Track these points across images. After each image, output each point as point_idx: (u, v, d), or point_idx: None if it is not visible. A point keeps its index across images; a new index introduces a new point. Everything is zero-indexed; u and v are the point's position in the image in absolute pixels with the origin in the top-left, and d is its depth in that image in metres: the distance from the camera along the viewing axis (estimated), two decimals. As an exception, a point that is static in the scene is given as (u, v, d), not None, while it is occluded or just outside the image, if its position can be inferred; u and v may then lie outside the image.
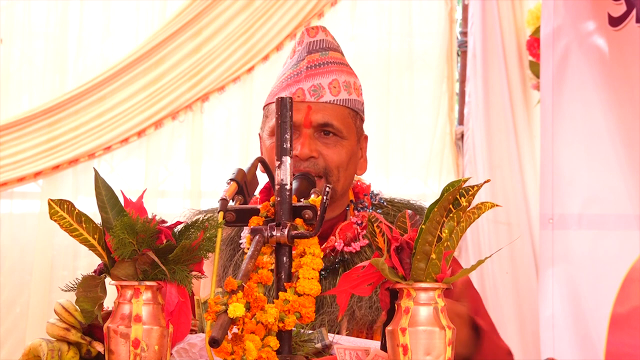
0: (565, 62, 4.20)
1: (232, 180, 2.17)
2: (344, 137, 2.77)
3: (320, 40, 2.83)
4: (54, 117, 5.26)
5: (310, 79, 2.77)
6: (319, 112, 2.74)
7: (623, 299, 3.98)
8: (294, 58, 2.83)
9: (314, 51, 2.81)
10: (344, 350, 2.09)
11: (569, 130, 4.20)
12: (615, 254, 4.05)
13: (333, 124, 2.74)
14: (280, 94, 2.78)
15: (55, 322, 2.18)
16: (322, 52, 2.81)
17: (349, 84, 2.80)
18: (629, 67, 4.02)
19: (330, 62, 2.80)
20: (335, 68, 2.80)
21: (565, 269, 4.16)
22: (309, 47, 2.82)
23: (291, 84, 2.78)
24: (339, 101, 2.77)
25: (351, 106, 2.79)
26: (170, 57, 5.33)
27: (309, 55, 2.80)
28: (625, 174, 4.04)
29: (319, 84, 2.76)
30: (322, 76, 2.78)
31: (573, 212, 4.18)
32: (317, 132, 2.75)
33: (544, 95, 4.29)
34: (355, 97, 2.81)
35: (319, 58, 2.80)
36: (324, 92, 2.75)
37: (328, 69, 2.79)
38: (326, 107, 2.75)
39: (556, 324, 4.15)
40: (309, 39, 2.83)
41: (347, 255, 2.74)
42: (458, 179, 1.98)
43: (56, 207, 2.00)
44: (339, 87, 2.77)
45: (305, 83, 2.76)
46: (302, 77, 2.78)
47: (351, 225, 2.78)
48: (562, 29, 4.20)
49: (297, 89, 2.76)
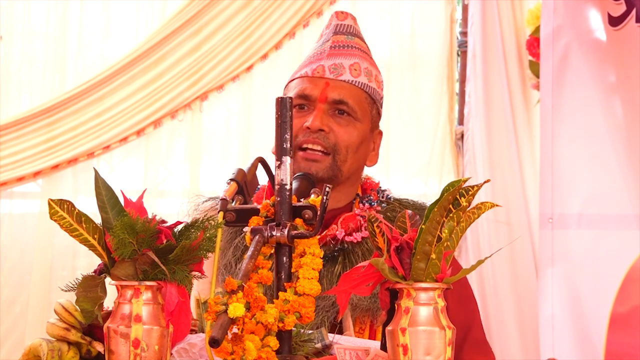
0: (565, 62, 4.20)
1: (232, 180, 2.18)
2: (358, 118, 2.75)
3: (348, 25, 2.82)
4: (53, 117, 5.25)
5: (332, 57, 2.77)
6: (335, 89, 2.73)
7: (623, 299, 3.98)
8: (321, 40, 2.84)
9: (340, 33, 2.81)
10: (344, 350, 2.09)
11: (569, 129, 4.20)
12: (615, 254, 4.05)
13: (348, 102, 2.74)
14: (301, 70, 2.79)
15: (55, 322, 2.17)
16: (348, 35, 2.81)
17: (371, 72, 2.79)
18: (628, 66, 4.02)
19: (355, 47, 2.80)
20: (359, 53, 2.80)
21: (564, 269, 4.16)
22: (335, 29, 2.82)
23: (313, 62, 2.78)
24: (358, 83, 2.76)
25: (369, 92, 2.78)
26: (169, 56, 5.33)
27: (335, 35, 2.81)
28: (625, 174, 4.04)
29: (340, 63, 2.76)
30: (345, 57, 2.77)
31: (573, 211, 4.18)
32: (331, 109, 2.74)
33: (543, 95, 4.29)
34: (375, 86, 2.80)
35: (344, 40, 2.80)
36: (344, 71, 2.75)
37: (351, 52, 2.79)
38: (344, 85, 2.75)
39: (556, 324, 4.15)
40: (337, 22, 2.83)
41: (347, 245, 2.73)
42: (458, 179, 1.98)
43: (56, 207, 2.00)
44: (360, 71, 2.77)
45: (326, 61, 2.76)
46: (325, 55, 2.78)
47: (354, 217, 2.77)
48: (562, 29, 4.20)
49: (318, 66, 2.76)
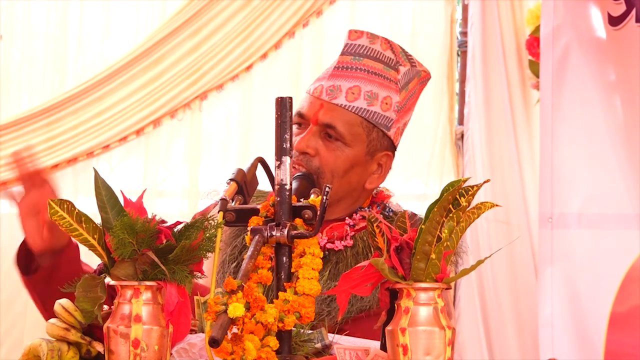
0: (564, 62, 4.19)
1: (232, 180, 2.18)
2: (347, 144, 2.72)
3: (359, 45, 2.76)
4: (53, 117, 5.25)
5: (332, 79, 2.74)
6: (327, 112, 2.71)
7: (622, 298, 3.98)
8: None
9: (347, 54, 2.77)
10: (344, 350, 2.09)
11: (569, 129, 4.20)
12: (614, 253, 4.05)
13: (336, 127, 2.71)
14: (310, 86, 2.78)
15: (55, 322, 2.17)
16: (356, 57, 2.75)
17: (376, 95, 2.73)
18: (628, 66, 4.02)
19: (361, 69, 2.74)
20: (364, 76, 2.74)
21: (564, 268, 4.16)
22: (343, 49, 2.78)
23: (318, 79, 2.77)
24: (352, 108, 2.71)
25: (366, 116, 2.72)
26: (169, 55, 5.32)
27: (342, 55, 2.77)
28: (625, 173, 4.04)
29: (338, 85, 2.73)
30: (345, 79, 2.73)
31: (572, 211, 4.17)
32: (322, 132, 2.72)
33: (543, 95, 4.29)
34: (378, 110, 2.73)
35: (349, 61, 2.76)
36: (339, 94, 2.72)
37: (354, 74, 2.74)
38: (336, 109, 2.72)
39: (555, 324, 4.15)
40: (347, 41, 2.78)
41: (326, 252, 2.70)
42: (458, 179, 1.98)
43: (56, 207, 2.00)
44: (359, 95, 2.72)
45: (327, 81, 2.74)
46: (328, 75, 2.76)
47: (342, 226, 2.76)
48: (561, 28, 4.20)
49: (319, 85, 2.75)
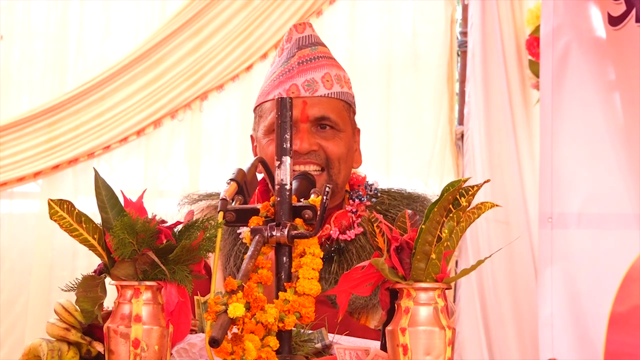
0: (564, 61, 4.19)
1: (232, 180, 2.18)
2: (341, 129, 2.80)
3: (308, 35, 2.85)
4: (53, 117, 5.26)
5: (303, 74, 2.79)
6: (314, 106, 2.76)
7: (622, 298, 3.98)
8: (283, 56, 2.85)
9: (304, 46, 2.83)
10: (344, 350, 2.09)
11: (569, 129, 4.19)
12: (614, 253, 4.04)
13: (330, 116, 2.78)
14: (273, 92, 2.80)
15: (55, 322, 2.18)
16: (312, 47, 2.84)
17: (340, 77, 2.83)
18: (628, 66, 4.02)
19: (321, 57, 2.83)
20: (326, 62, 2.82)
21: (564, 268, 4.16)
22: (298, 43, 2.84)
23: (284, 81, 2.80)
24: (333, 94, 2.79)
25: (344, 99, 2.82)
26: (169, 56, 5.33)
27: (300, 50, 2.82)
28: (624, 173, 4.03)
29: (312, 78, 2.78)
30: (315, 70, 2.80)
31: (572, 211, 4.17)
32: (314, 126, 2.78)
33: (543, 95, 4.28)
34: (347, 89, 2.84)
35: (309, 53, 2.82)
36: (317, 86, 2.78)
37: (319, 63, 2.81)
38: (321, 100, 2.78)
39: (555, 324, 4.15)
40: (297, 35, 2.84)
41: (342, 244, 2.77)
42: (458, 179, 1.98)
43: (56, 207, 2.00)
44: (332, 81, 2.80)
45: (298, 78, 2.78)
46: (295, 72, 2.80)
47: (346, 214, 2.81)
48: (561, 28, 4.20)
49: (291, 85, 2.78)
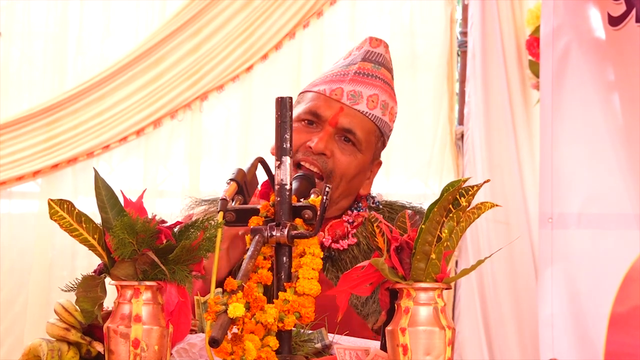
0: (564, 62, 4.19)
1: (232, 180, 2.18)
2: (361, 150, 2.77)
3: (378, 53, 2.82)
4: (52, 117, 5.26)
5: (353, 83, 2.77)
6: (348, 117, 2.74)
7: (622, 299, 3.98)
8: (348, 59, 2.83)
9: (369, 60, 2.81)
10: (344, 350, 2.09)
11: (569, 129, 4.20)
12: (614, 253, 4.05)
13: (357, 133, 2.75)
14: (320, 86, 2.79)
15: (55, 322, 2.17)
16: (376, 64, 2.80)
17: (387, 105, 2.80)
18: (628, 66, 4.02)
19: (379, 78, 2.79)
20: (381, 85, 2.79)
21: (564, 269, 4.16)
22: (365, 55, 2.81)
23: (334, 81, 2.78)
24: (371, 116, 2.76)
25: (380, 126, 2.79)
26: (169, 56, 5.33)
27: (363, 62, 2.80)
28: (625, 173, 4.03)
29: (359, 91, 2.76)
30: (366, 86, 2.77)
31: (572, 211, 4.17)
32: (338, 134, 2.75)
33: (543, 95, 4.28)
34: (387, 120, 2.80)
35: (370, 69, 2.80)
36: (361, 100, 2.75)
37: (374, 82, 2.78)
38: (357, 115, 2.75)
39: (555, 324, 4.15)
40: (368, 48, 2.82)
41: (333, 252, 2.76)
42: (458, 179, 1.98)
43: (56, 207, 1.99)
44: (377, 103, 2.77)
45: (347, 85, 2.77)
46: (348, 79, 2.78)
47: (342, 223, 2.79)
48: (561, 28, 4.20)
49: (337, 88, 2.76)
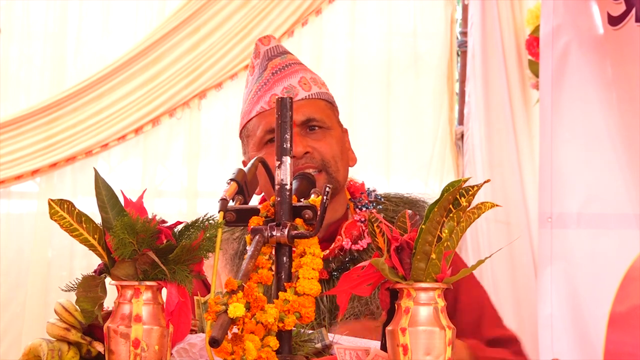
0: (564, 61, 4.19)
1: (232, 180, 2.17)
2: (329, 127, 2.82)
3: (274, 46, 2.88)
4: (51, 115, 5.26)
5: (279, 82, 2.81)
6: (298, 110, 2.76)
7: (622, 298, 3.98)
8: (256, 72, 2.87)
9: (274, 57, 2.86)
10: (344, 350, 2.09)
11: (568, 129, 4.19)
12: (614, 253, 4.04)
13: (315, 117, 2.79)
14: (254, 108, 2.82)
15: (55, 322, 2.17)
16: (281, 56, 2.86)
17: (315, 79, 2.85)
18: (628, 66, 4.02)
19: (292, 63, 2.85)
20: (298, 67, 2.85)
21: (564, 268, 4.16)
22: (267, 55, 2.86)
23: (262, 95, 2.82)
24: (313, 95, 2.81)
25: (325, 98, 2.84)
26: (168, 54, 5.33)
27: (270, 61, 2.85)
28: (624, 173, 4.03)
29: (289, 85, 2.81)
30: (290, 77, 2.82)
31: (572, 211, 4.17)
32: (303, 130, 2.78)
33: (543, 94, 4.28)
34: (325, 90, 2.86)
35: (280, 62, 2.85)
36: (296, 90, 2.80)
37: (292, 69, 2.83)
38: (303, 104, 2.79)
39: (555, 323, 4.15)
40: (264, 48, 2.87)
41: (355, 254, 2.78)
42: (458, 179, 1.98)
43: (56, 207, 1.99)
44: (309, 83, 2.82)
45: (276, 88, 2.81)
46: (271, 83, 2.82)
47: (355, 224, 2.81)
48: (561, 28, 4.20)
49: (271, 96, 2.80)
